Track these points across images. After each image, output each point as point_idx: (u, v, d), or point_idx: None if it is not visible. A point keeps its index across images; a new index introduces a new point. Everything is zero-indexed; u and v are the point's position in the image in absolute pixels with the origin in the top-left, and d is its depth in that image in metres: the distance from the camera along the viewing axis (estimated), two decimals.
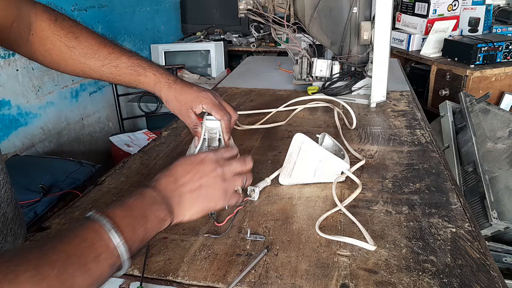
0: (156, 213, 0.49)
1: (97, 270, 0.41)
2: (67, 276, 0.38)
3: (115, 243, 0.43)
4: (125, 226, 0.44)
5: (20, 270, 0.36)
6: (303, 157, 0.73)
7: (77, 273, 0.39)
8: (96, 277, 0.41)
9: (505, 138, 1.45)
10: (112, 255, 0.43)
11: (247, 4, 1.22)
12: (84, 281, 0.40)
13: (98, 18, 2.28)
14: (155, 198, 0.50)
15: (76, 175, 1.49)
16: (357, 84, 1.27)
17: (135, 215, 0.47)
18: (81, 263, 0.40)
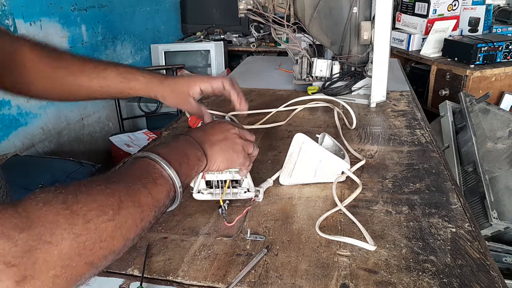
0: (194, 152, 0.55)
1: (157, 193, 0.45)
2: (133, 192, 0.42)
3: (168, 171, 0.47)
4: (172, 160, 0.49)
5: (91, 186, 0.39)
6: (303, 157, 0.73)
7: (140, 191, 0.43)
8: (156, 200, 0.44)
9: (505, 138, 1.45)
10: (167, 182, 0.47)
11: (247, 4, 1.22)
12: (148, 200, 0.43)
13: (98, 18, 2.28)
14: (190, 141, 0.56)
15: (76, 175, 1.49)
16: (357, 84, 1.27)
17: (178, 152, 0.52)
18: (142, 183, 0.44)
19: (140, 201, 0.42)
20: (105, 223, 0.37)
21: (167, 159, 0.48)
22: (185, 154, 0.53)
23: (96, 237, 0.36)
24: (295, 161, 0.74)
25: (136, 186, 0.43)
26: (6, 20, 1.69)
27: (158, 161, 0.47)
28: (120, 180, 0.43)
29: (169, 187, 0.47)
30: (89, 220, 0.36)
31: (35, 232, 0.32)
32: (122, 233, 0.39)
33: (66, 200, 0.36)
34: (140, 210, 0.42)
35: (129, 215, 0.40)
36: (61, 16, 2.00)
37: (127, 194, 0.41)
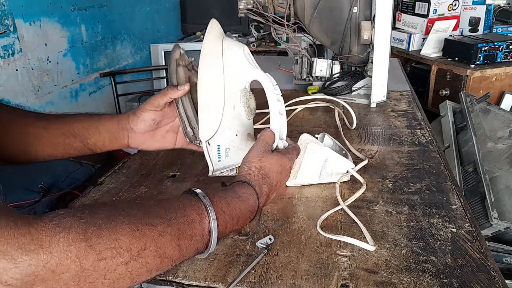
0: (246, 219, 0.53)
1: (186, 249, 0.43)
2: (162, 243, 0.40)
3: (211, 232, 0.45)
4: (221, 221, 0.47)
5: (121, 221, 0.37)
6: (308, 158, 0.73)
7: (170, 243, 0.41)
8: (183, 255, 0.43)
9: (506, 138, 1.45)
10: (202, 240, 0.45)
11: (247, 4, 1.22)
12: (173, 255, 0.41)
13: (98, 18, 2.28)
14: (253, 209, 0.54)
15: (76, 175, 1.49)
16: (357, 84, 1.26)
17: (233, 216, 0.50)
18: (176, 236, 0.41)
19: (165, 253, 0.40)
20: (117, 266, 0.36)
21: (218, 218, 0.46)
22: (237, 219, 0.51)
23: (102, 275, 0.35)
24: (300, 162, 0.74)
25: (169, 237, 0.40)
26: (6, 20, 1.69)
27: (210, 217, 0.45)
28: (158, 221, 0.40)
29: (202, 245, 0.45)
30: (102, 259, 0.34)
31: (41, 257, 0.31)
32: (131, 277, 0.37)
33: (86, 231, 0.34)
34: (159, 261, 0.40)
35: (146, 263, 0.38)
36: (61, 16, 2.00)
37: (154, 242, 0.39)
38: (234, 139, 0.69)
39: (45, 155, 0.67)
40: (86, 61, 2.20)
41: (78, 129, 0.67)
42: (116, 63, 2.48)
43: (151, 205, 0.43)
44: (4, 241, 0.31)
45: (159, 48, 2.75)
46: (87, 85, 2.21)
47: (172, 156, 0.92)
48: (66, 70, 2.06)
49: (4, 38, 1.69)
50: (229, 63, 0.68)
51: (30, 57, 1.82)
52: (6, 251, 0.30)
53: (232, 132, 0.69)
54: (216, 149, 0.69)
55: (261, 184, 0.57)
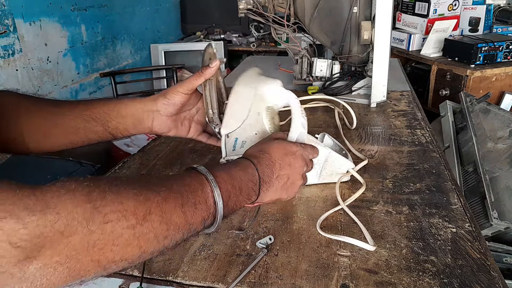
0: (249, 190, 0.52)
1: (192, 216, 0.42)
2: (166, 208, 0.39)
3: (215, 199, 0.45)
4: (224, 190, 0.47)
5: (125, 187, 0.37)
6: None
7: (175, 210, 0.40)
8: (189, 223, 0.42)
9: (506, 138, 1.45)
10: (207, 209, 0.44)
11: (247, 4, 1.22)
12: (179, 221, 0.41)
13: (98, 18, 2.28)
14: (254, 178, 0.53)
15: (76, 175, 1.48)
16: (357, 84, 1.26)
17: (235, 185, 0.49)
18: (180, 203, 0.41)
19: (170, 219, 0.40)
20: (123, 229, 0.35)
21: (220, 186, 0.46)
22: (239, 189, 0.50)
23: (110, 240, 0.35)
24: None
25: (173, 203, 0.41)
26: (6, 20, 1.69)
27: (211, 184, 0.45)
28: (159, 190, 0.40)
29: (208, 214, 0.45)
30: (108, 221, 0.34)
31: (49, 218, 0.31)
32: (139, 243, 0.37)
33: (91, 193, 0.34)
34: (166, 228, 0.39)
35: (152, 229, 0.38)
36: (61, 16, 2.00)
37: (159, 207, 0.39)
38: (252, 136, 0.71)
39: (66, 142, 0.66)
40: (86, 61, 2.20)
41: (99, 113, 0.65)
42: (116, 63, 2.48)
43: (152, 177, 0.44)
44: (9, 202, 0.30)
45: (159, 48, 2.75)
46: (87, 85, 2.21)
47: (172, 156, 0.92)
48: (66, 70, 2.06)
49: (4, 38, 1.69)
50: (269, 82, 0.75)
51: (30, 57, 1.82)
52: (12, 211, 0.30)
53: (253, 130, 0.70)
54: (234, 141, 0.71)
55: (258, 156, 0.56)
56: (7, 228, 0.30)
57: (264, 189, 0.54)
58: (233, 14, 1.74)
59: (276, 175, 0.56)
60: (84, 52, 2.19)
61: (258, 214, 0.68)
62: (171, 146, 0.98)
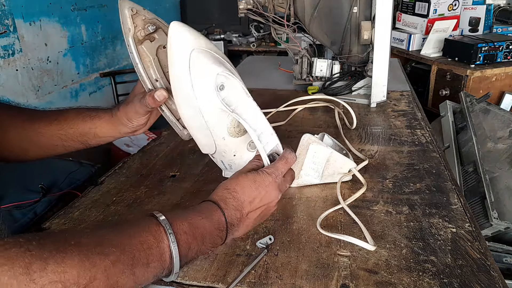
0: (213, 238, 0.50)
1: (142, 276, 0.42)
2: (114, 273, 0.38)
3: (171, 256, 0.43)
4: (183, 242, 0.45)
5: (71, 253, 0.36)
6: (311, 158, 0.73)
7: (123, 273, 0.39)
8: (138, 283, 0.41)
9: (506, 138, 1.45)
10: (162, 266, 0.43)
11: (247, 4, 1.22)
12: (127, 283, 0.40)
13: (98, 18, 2.28)
14: (220, 225, 0.51)
15: (76, 175, 1.49)
16: (357, 84, 1.26)
17: (196, 236, 0.48)
18: (130, 265, 0.40)
19: (117, 283, 0.39)
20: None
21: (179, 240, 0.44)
22: (202, 239, 0.48)
23: None
24: (303, 162, 0.74)
25: (122, 266, 0.39)
26: (6, 20, 1.69)
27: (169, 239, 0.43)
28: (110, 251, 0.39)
29: (162, 270, 0.44)
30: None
31: None
32: None
33: (31, 265, 0.33)
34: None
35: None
36: (61, 16, 2.00)
37: (105, 273, 0.37)
38: (233, 159, 0.66)
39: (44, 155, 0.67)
40: (86, 61, 2.20)
41: (75, 134, 0.66)
42: (116, 63, 2.48)
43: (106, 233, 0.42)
44: None
45: None
46: (87, 85, 2.21)
47: (172, 156, 0.92)
48: (66, 70, 2.06)
49: (4, 38, 1.69)
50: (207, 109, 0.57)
51: (30, 57, 1.82)
52: None
53: (230, 153, 0.65)
54: (221, 162, 0.68)
55: (225, 198, 0.54)
56: None
57: (232, 231, 0.53)
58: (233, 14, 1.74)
59: (246, 214, 0.54)
60: (84, 52, 2.19)
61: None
62: (171, 146, 0.98)
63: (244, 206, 0.54)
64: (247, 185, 0.55)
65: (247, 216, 0.55)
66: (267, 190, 0.56)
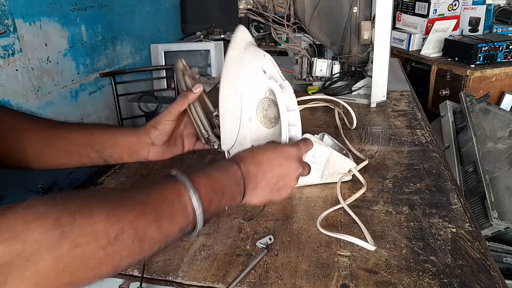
0: (232, 192, 0.50)
1: (168, 229, 0.42)
2: (140, 226, 0.39)
3: (193, 208, 0.44)
4: (204, 196, 0.45)
5: (97, 207, 0.36)
6: (311, 158, 0.73)
7: (150, 226, 0.40)
8: (166, 235, 0.41)
9: (506, 138, 1.45)
10: (186, 219, 0.44)
11: (247, 4, 1.22)
12: (155, 236, 0.40)
13: (98, 18, 2.28)
14: (237, 178, 0.51)
15: (76, 175, 1.49)
16: (357, 84, 1.26)
17: (215, 188, 0.48)
18: (156, 217, 0.40)
19: (145, 234, 0.39)
20: (93, 251, 0.35)
21: (200, 192, 0.44)
22: (221, 192, 0.49)
23: (80, 263, 0.34)
24: None
25: (148, 218, 0.40)
26: (6, 20, 1.69)
27: (189, 193, 0.44)
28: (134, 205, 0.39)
29: (187, 223, 0.44)
30: (77, 246, 0.34)
31: (15, 247, 0.31)
32: (112, 262, 0.36)
33: (60, 218, 0.33)
34: (140, 245, 0.39)
35: (125, 246, 0.37)
36: (61, 16, 2.00)
37: (132, 224, 0.38)
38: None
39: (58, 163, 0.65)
40: (86, 61, 2.20)
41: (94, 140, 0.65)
42: (116, 63, 2.48)
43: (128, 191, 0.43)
44: None
45: (159, 48, 2.75)
46: (87, 85, 2.21)
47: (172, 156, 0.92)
48: (66, 70, 2.05)
49: (4, 38, 1.69)
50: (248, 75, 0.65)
51: (30, 57, 1.82)
52: None
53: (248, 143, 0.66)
54: None
55: (244, 156, 0.54)
56: None
57: (250, 188, 0.53)
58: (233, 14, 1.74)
59: (263, 175, 0.54)
60: (84, 52, 2.19)
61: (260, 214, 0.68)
62: None
63: (261, 164, 0.54)
64: (268, 149, 0.56)
65: (264, 178, 0.54)
66: (287, 159, 0.56)
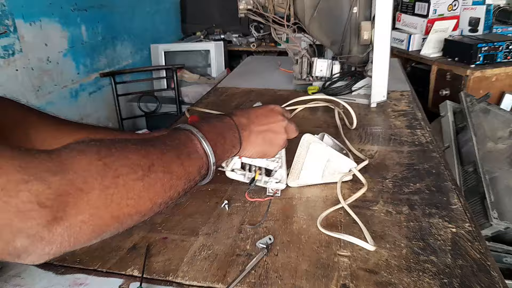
0: (231, 137, 0.55)
1: (189, 166, 0.46)
2: (166, 159, 0.43)
3: (205, 147, 0.48)
4: (210, 139, 0.50)
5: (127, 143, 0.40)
6: (311, 157, 0.73)
7: (173, 160, 0.44)
8: (187, 172, 0.45)
9: (506, 138, 1.45)
10: (201, 158, 0.48)
11: (247, 4, 1.22)
12: (179, 170, 0.44)
13: (98, 18, 2.28)
14: (232, 125, 0.57)
15: None
16: (357, 84, 1.26)
17: (217, 132, 0.53)
18: (176, 154, 0.45)
19: (171, 169, 0.43)
20: (133, 181, 0.38)
21: (206, 135, 0.49)
22: (222, 136, 0.54)
23: (124, 193, 0.37)
24: (303, 162, 0.74)
25: (170, 154, 0.44)
26: (6, 20, 1.69)
27: (197, 135, 0.48)
28: (155, 145, 0.43)
29: (202, 163, 0.48)
30: (119, 175, 0.37)
31: (68, 177, 0.34)
32: (149, 195, 0.40)
33: (100, 151, 0.37)
34: (169, 177, 0.42)
35: (158, 179, 0.41)
36: (61, 16, 2.00)
37: (159, 159, 0.42)
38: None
39: None
40: (86, 61, 2.20)
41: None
42: (116, 63, 2.48)
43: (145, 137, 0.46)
44: (32, 166, 0.32)
45: (159, 48, 2.75)
46: (87, 85, 2.21)
47: None
48: (66, 70, 2.05)
49: (4, 38, 1.69)
50: None
51: (30, 57, 1.82)
52: (36, 174, 0.32)
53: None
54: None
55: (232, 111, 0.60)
56: (34, 189, 0.31)
57: (245, 136, 0.57)
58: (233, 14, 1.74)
59: (254, 126, 0.59)
60: (84, 52, 2.19)
61: (258, 215, 0.68)
62: None
63: (250, 116, 0.60)
64: (254, 107, 0.64)
65: (255, 127, 0.59)
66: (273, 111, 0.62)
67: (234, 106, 1.24)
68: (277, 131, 0.62)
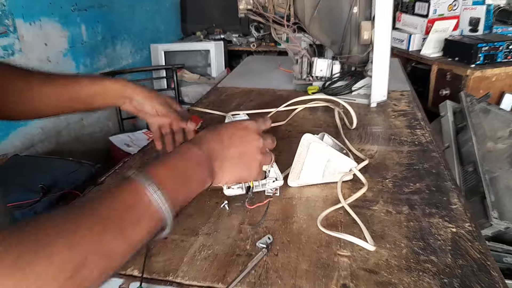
0: (199, 174, 0.48)
1: (136, 235, 0.39)
2: (104, 243, 0.37)
3: (158, 206, 0.41)
4: (169, 187, 0.42)
5: (56, 236, 0.34)
6: (311, 157, 0.73)
7: (115, 240, 0.38)
8: (134, 243, 0.39)
9: (506, 138, 1.45)
10: (153, 219, 0.41)
11: (247, 4, 1.22)
12: (122, 247, 0.38)
13: (98, 18, 2.28)
14: (200, 159, 0.49)
15: (76, 175, 1.49)
16: (357, 84, 1.26)
17: (179, 175, 0.45)
18: (119, 229, 0.38)
19: (112, 250, 0.37)
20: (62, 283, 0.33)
21: (162, 186, 0.41)
22: (187, 177, 0.46)
23: None
24: (303, 162, 0.74)
25: (111, 231, 0.37)
26: (6, 20, 1.69)
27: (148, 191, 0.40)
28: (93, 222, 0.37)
29: (155, 223, 0.41)
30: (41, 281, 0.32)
31: None
32: (83, 284, 0.35)
33: (18, 258, 0.31)
34: (108, 261, 0.37)
35: (94, 268, 0.35)
36: (61, 15, 2.00)
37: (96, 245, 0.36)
38: None
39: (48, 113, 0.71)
40: (86, 61, 2.20)
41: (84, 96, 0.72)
42: (116, 63, 2.48)
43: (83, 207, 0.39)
44: None
45: (159, 48, 2.75)
46: None
47: None
48: (66, 70, 2.05)
49: (4, 38, 1.69)
50: None
51: (30, 57, 1.82)
52: None
53: None
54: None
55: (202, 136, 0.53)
56: None
57: (218, 167, 0.51)
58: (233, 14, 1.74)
59: (227, 151, 0.53)
60: (84, 52, 2.19)
61: (258, 215, 0.68)
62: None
63: (223, 140, 0.53)
64: (226, 125, 0.56)
65: (229, 152, 0.53)
66: (247, 131, 0.56)
67: (234, 106, 1.24)
68: (251, 154, 0.55)
